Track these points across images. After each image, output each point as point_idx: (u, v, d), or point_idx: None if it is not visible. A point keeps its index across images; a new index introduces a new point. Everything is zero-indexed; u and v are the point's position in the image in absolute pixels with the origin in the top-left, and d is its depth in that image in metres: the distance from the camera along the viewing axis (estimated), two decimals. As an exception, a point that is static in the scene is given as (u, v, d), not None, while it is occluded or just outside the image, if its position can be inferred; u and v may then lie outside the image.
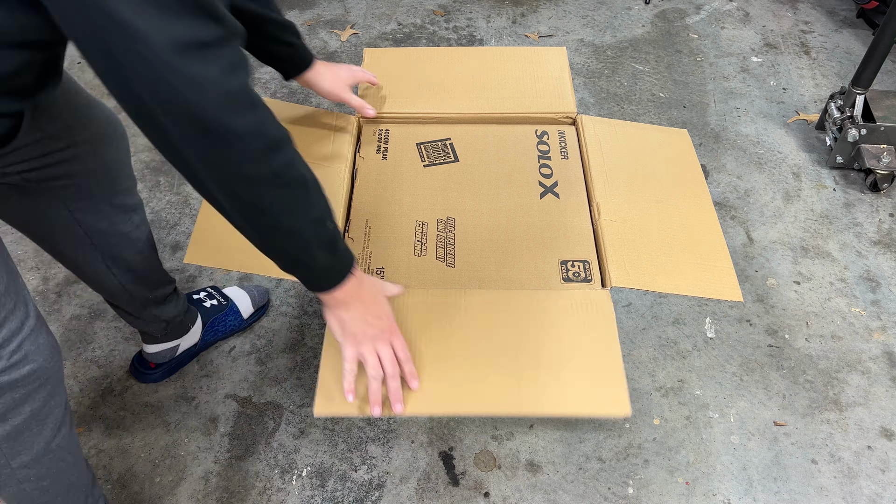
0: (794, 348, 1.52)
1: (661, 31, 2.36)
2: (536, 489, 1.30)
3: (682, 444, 1.37)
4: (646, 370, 1.48)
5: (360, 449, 1.36)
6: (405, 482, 1.31)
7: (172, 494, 1.29)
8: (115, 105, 0.73)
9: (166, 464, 1.34)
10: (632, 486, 1.31)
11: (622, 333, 1.54)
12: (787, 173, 1.90)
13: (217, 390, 1.44)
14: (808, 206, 1.81)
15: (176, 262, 1.67)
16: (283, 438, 1.37)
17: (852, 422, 1.40)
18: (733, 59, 2.26)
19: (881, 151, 1.80)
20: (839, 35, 2.35)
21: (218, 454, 1.35)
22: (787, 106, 2.09)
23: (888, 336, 1.54)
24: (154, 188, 1.83)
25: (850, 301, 1.61)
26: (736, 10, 2.47)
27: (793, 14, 2.44)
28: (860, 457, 1.35)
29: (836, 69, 2.22)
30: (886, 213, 1.80)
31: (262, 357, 1.50)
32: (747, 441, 1.37)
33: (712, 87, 2.15)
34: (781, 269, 1.67)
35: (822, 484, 1.32)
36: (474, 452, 1.35)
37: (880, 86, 2.11)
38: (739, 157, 1.93)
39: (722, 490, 1.31)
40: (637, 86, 2.15)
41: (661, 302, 1.60)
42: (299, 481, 1.31)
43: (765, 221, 1.77)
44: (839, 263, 1.68)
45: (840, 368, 1.49)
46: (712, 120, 2.05)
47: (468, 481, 1.31)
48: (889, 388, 1.46)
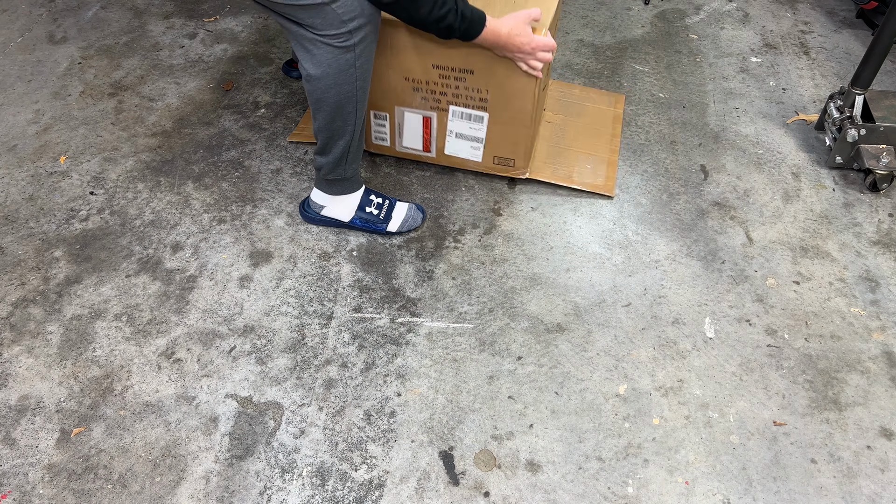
0: (793, 348, 1.52)
1: (660, 31, 2.37)
2: (536, 489, 1.30)
3: (681, 444, 1.37)
4: (645, 370, 1.48)
5: (360, 449, 1.36)
6: (405, 482, 1.31)
7: (172, 494, 1.30)
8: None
9: (166, 464, 1.34)
10: (632, 486, 1.31)
11: (622, 333, 1.54)
12: (787, 173, 1.90)
13: (217, 390, 1.44)
14: (808, 207, 1.81)
15: (177, 262, 1.67)
16: (283, 438, 1.37)
17: (852, 422, 1.41)
18: (733, 59, 2.26)
19: (880, 151, 1.81)
20: (839, 35, 2.35)
21: (218, 454, 1.35)
22: (787, 106, 2.10)
23: (887, 336, 1.55)
24: (154, 188, 1.83)
25: (850, 301, 1.61)
26: (735, 10, 2.47)
27: (792, 14, 2.45)
28: (860, 456, 1.36)
29: (835, 69, 2.22)
30: (886, 214, 1.80)
31: (262, 357, 1.50)
32: (747, 441, 1.38)
33: (712, 87, 2.16)
34: (781, 269, 1.67)
35: (822, 484, 1.32)
36: (474, 452, 1.35)
37: (879, 86, 2.12)
38: (739, 158, 1.94)
39: (721, 490, 1.31)
40: (637, 86, 2.15)
41: (660, 302, 1.60)
42: (299, 481, 1.31)
43: (764, 221, 1.78)
44: (839, 263, 1.69)
45: (839, 368, 1.49)
46: (712, 120, 2.05)
47: (468, 481, 1.31)
48: (888, 388, 1.46)
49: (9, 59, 2.22)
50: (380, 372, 1.47)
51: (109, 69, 2.19)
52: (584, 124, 1.97)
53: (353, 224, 1.71)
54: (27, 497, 1.29)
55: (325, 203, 1.68)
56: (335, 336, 1.53)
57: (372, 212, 1.69)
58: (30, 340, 1.52)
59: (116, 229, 1.74)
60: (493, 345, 1.52)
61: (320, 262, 1.67)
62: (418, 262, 1.68)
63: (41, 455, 1.34)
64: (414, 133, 1.83)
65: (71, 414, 1.40)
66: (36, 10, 2.42)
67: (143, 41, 2.30)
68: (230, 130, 1.99)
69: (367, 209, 1.69)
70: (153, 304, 1.59)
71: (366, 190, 1.70)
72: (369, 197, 1.70)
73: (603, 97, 2.05)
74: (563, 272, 1.66)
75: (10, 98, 2.09)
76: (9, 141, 1.96)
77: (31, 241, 1.71)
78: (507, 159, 1.79)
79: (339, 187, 1.65)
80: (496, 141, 1.76)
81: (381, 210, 1.70)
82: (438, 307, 1.58)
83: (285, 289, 1.62)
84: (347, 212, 1.69)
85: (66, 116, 2.03)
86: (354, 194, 1.67)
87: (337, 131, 1.51)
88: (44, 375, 1.46)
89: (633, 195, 1.83)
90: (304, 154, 1.93)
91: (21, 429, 1.38)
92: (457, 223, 1.76)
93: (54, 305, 1.58)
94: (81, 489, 1.30)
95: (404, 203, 1.74)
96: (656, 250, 1.71)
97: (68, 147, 1.94)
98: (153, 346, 1.51)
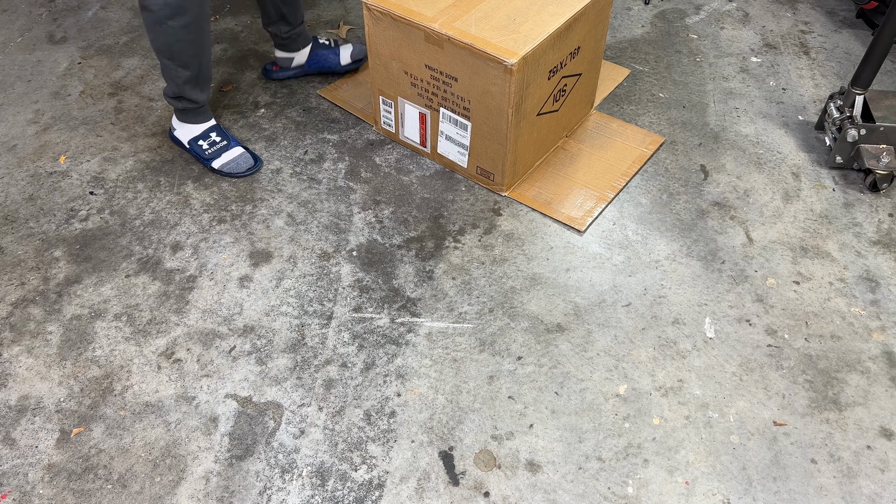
0: (793, 348, 1.52)
1: (660, 31, 2.37)
2: (536, 489, 1.30)
3: (681, 444, 1.37)
4: (645, 370, 1.48)
5: (360, 449, 1.36)
6: (405, 482, 1.31)
7: (172, 494, 1.30)
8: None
9: (166, 464, 1.34)
10: (632, 486, 1.31)
11: (622, 333, 1.54)
12: (787, 173, 1.90)
13: (217, 390, 1.44)
14: (808, 206, 1.81)
15: (176, 262, 1.67)
16: (283, 438, 1.37)
17: (852, 421, 1.41)
18: (733, 59, 2.26)
19: (880, 151, 1.81)
20: (839, 35, 2.35)
21: (218, 454, 1.35)
22: (787, 106, 2.10)
23: (887, 336, 1.55)
24: (154, 188, 1.83)
25: (850, 301, 1.61)
26: (735, 10, 2.47)
27: (792, 14, 2.45)
28: (859, 456, 1.36)
29: (835, 69, 2.22)
30: (886, 213, 1.80)
31: (262, 357, 1.50)
32: (747, 441, 1.38)
33: (712, 87, 2.16)
34: (781, 268, 1.67)
35: (822, 483, 1.32)
36: (474, 452, 1.35)
37: (879, 86, 2.12)
38: (739, 158, 1.94)
39: (721, 490, 1.31)
40: (637, 86, 2.15)
41: (660, 302, 1.60)
42: (299, 481, 1.31)
43: (764, 221, 1.78)
44: (839, 263, 1.69)
45: (839, 368, 1.49)
46: (712, 120, 2.05)
47: (468, 481, 1.31)
48: (888, 388, 1.46)
49: (9, 59, 2.22)
50: (380, 372, 1.47)
51: (109, 69, 2.19)
52: (601, 158, 1.91)
53: (189, 149, 1.90)
54: (27, 497, 1.29)
55: (176, 126, 1.91)
56: (335, 336, 1.53)
57: (202, 146, 1.87)
58: (30, 340, 1.52)
59: (116, 229, 1.74)
60: (493, 345, 1.52)
61: (320, 262, 1.67)
62: (418, 262, 1.68)
63: (41, 455, 1.34)
64: (412, 126, 1.85)
65: (71, 414, 1.40)
66: (36, 10, 2.42)
67: (143, 41, 2.30)
68: (230, 130, 1.99)
69: (200, 143, 1.88)
70: (153, 304, 1.59)
71: (214, 127, 1.89)
72: (210, 134, 1.88)
73: (638, 135, 1.98)
74: (563, 272, 1.66)
75: (10, 98, 2.09)
76: (9, 141, 1.96)
77: (31, 241, 1.71)
78: (488, 172, 1.79)
79: (182, 116, 1.88)
80: (478, 152, 1.77)
81: (214, 147, 1.87)
82: (438, 307, 1.58)
83: (285, 289, 1.62)
84: (186, 137, 1.90)
85: (66, 116, 2.03)
86: (196, 125, 1.88)
87: (166, 72, 1.75)
88: (44, 375, 1.46)
89: (633, 195, 1.83)
90: (304, 154, 1.93)
91: (21, 429, 1.38)
92: (457, 223, 1.76)
93: (54, 305, 1.58)
94: (81, 489, 1.30)
95: (239, 148, 1.89)
96: (656, 250, 1.71)
97: (68, 147, 1.94)
98: (153, 346, 1.51)
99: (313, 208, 1.79)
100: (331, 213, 1.78)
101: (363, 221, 1.76)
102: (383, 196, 1.82)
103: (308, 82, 2.14)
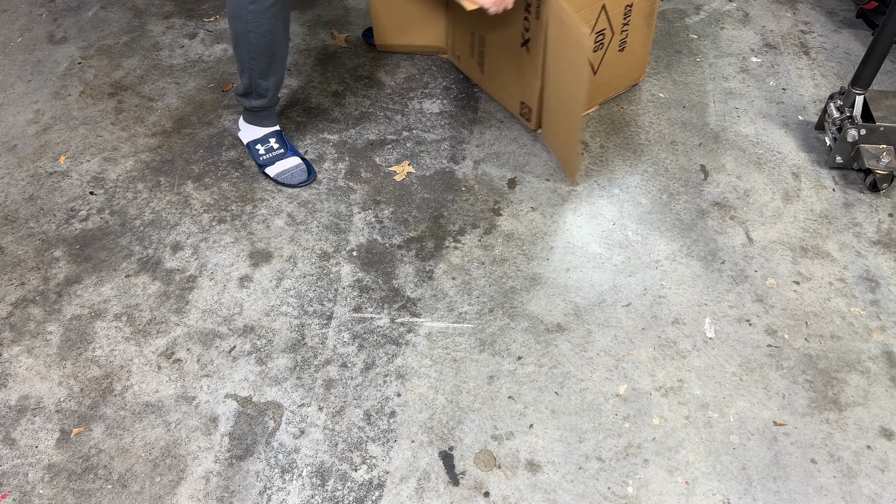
0: (793, 348, 1.52)
1: (660, 31, 2.37)
2: (536, 489, 1.30)
3: (681, 444, 1.37)
4: (645, 370, 1.48)
5: (360, 449, 1.36)
6: (405, 482, 1.31)
7: (172, 494, 1.30)
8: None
9: (166, 464, 1.34)
10: (632, 486, 1.31)
11: (622, 333, 1.54)
12: (787, 173, 1.90)
13: (217, 390, 1.44)
14: (808, 207, 1.81)
15: (176, 262, 1.67)
16: (283, 438, 1.37)
17: (852, 421, 1.41)
18: (733, 59, 2.26)
19: (880, 151, 1.81)
20: (839, 35, 2.35)
21: (218, 454, 1.35)
22: (787, 106, 2.10)
23: (887, 336, 1.55)
24: (154, 188, 1.83)
25: (850, 301, 1.61)
26: (735, 10, 2.47)
27: (792, 14, 2.45)
28: (859, 456, 1.36)
29: (835, 69, 2.22)
30: (886, 213, 1.80)
31: (262, 357, 1.50)
32: (747, 441, 1.38)
33: (712, 87, 2.16)
34: (781, 268, 1.67)
35: (822, 483, 1.32)
36: (474, 452, 1.35)
37: (880, 86, 2.12)
38: (739, 158, 1.94)
39: (721, 490, 1.31)
40: (637, 86, 2.15)
41: (660, 302, 1.60)
42: (299, 481, 1.31)
43: (764, 221, 1.78)
44: (838, 263, 1.69)
45: (839, 368, 1.49)
46: (712, 120, 2.05)
47: (468, 481, 1.31)
48: (888, 388, 1.46)
49: (9, 59, 2.22)
50: (380, 372, 1.47)
51: (109, 69, 2.19)
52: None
53: (248, 149, 1.91)
54: (27, 497, 1.29)
55: (241, 126, 1.91)
56: (335, 336, 1.53)
57: (259, 150, 1.87)
58: (30, 340, 1.52)
59: (116, 229, 1.74)
60: (493, 345, 1.52)
61: (320, 262, 1.67)
62: (418, 262, 1.68)
63: (41, 455, 1.35)
64: None
65: (71, 414, 1.40)
66: (36, 10, 2.42)
67: (143, 41, 2.30)
68: (230, 130, 1.99)
69: (258, 147, 1.87)
70: (153, 304, 1.59)
71: (275, 133, 1.88)
72: (269, 139, 1.87)
73: None
74: (563, 272, 1.66)
75: (10, 98, 2.09)
76: (9, 141, 1.96)
77: (31, 241, 1.71)
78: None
79: (247, 116, 1.88)
80: None
81: (271, 153, 1.87)
82: (438, 307, 1.58)
83: (285, 289, 1.62)
84: (247, 138, 1.90)
85: (66, 116, 2.03)
86: (258, 128, 1.88)
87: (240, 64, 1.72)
88: (44, 375, 1.46)
89: (633, 195, 1.83)
90: (304, 154, 1.93)
91: (21, 429, 1.38)
92: (457, 223, 1.76)
93: (54, 305, 1.58)
94: (81, 489, 1.30)
95: (296, 159, 1.87)
96: (656, 250, 1.71)
97: (68, 147, 1.94)
98: (153, 346, 1.51)
99: (313, 208, 1.79)
100: (331, 213, 1.78)
101: (363, 221, 1.77)
102: (383, 196, 1.82)
103: (308, 81, 2.14)
